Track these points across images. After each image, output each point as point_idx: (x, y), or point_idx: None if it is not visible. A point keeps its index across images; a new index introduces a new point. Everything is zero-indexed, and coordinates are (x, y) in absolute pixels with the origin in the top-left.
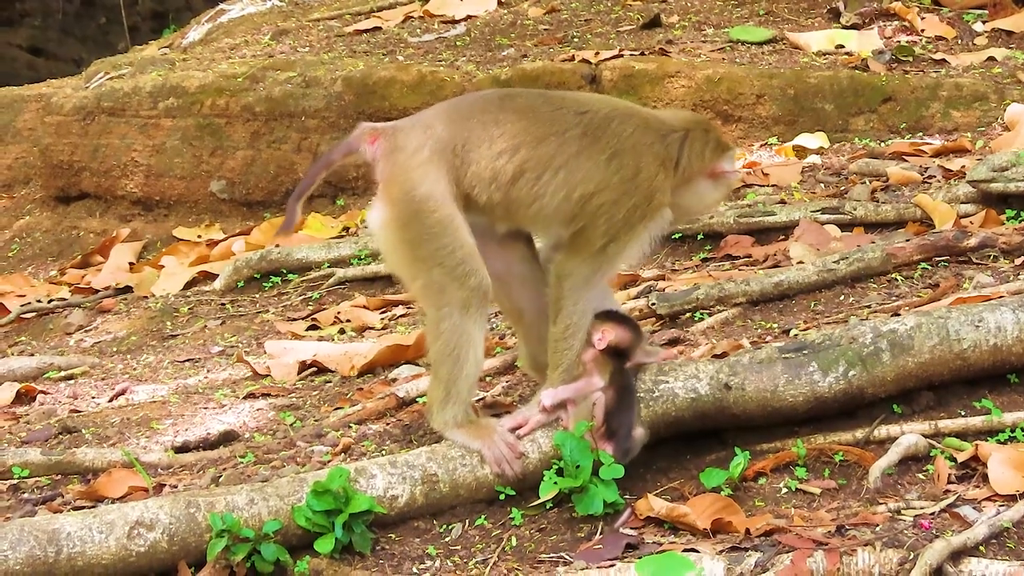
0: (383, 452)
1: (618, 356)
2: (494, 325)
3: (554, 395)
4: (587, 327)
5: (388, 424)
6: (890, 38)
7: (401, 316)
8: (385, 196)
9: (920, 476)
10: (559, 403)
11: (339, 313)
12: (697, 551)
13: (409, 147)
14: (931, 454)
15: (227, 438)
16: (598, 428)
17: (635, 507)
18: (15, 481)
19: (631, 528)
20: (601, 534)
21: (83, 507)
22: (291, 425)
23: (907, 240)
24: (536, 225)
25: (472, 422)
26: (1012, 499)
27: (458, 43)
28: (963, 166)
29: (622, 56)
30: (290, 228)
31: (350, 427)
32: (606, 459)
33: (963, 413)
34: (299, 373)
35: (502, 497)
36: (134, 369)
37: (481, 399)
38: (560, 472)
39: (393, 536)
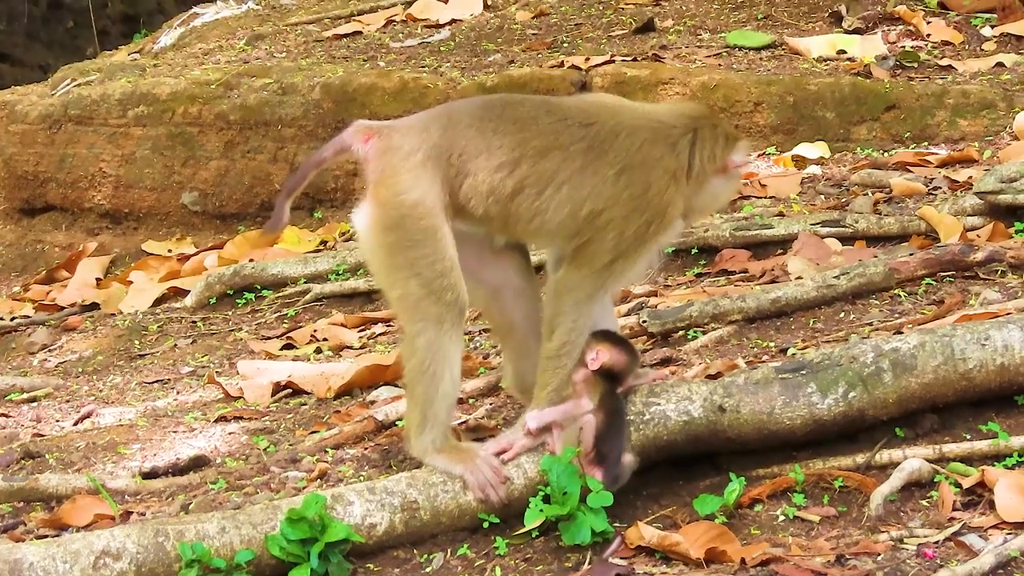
0: (361, 478)
1: (610, 379)
2: (477, 344)
3: (540, 417)
4: (582, 346)
5: (366, 448)
6: (894, 43)
7: (380, 334)
8: (373, 197)
9: (924, 503)
10: (545, 426)
11: (316, 331)
12: None
13: (403, 149)
14: (935, 480)
15: (197, 463)
16: (587, 453)
17: (625, 536)
18: None
19: (621, 558)
20: (589, 564)
21: (46, 536)
22: (265, 450)
23: (911, 254)
24: (537, 239)
25: (453, 447)
26: (1020, 527)
27: (442, 48)
28: (970, 177)
29: (614, 62)
30: (277, 227)
31: (326, 452)
32: (595, 486)
33: (968, 436)
34: (273, 395)
35: (486, 525)
36: (100, 391)
37: (464, 422)
38: (547, 499)
39: (372, 566)
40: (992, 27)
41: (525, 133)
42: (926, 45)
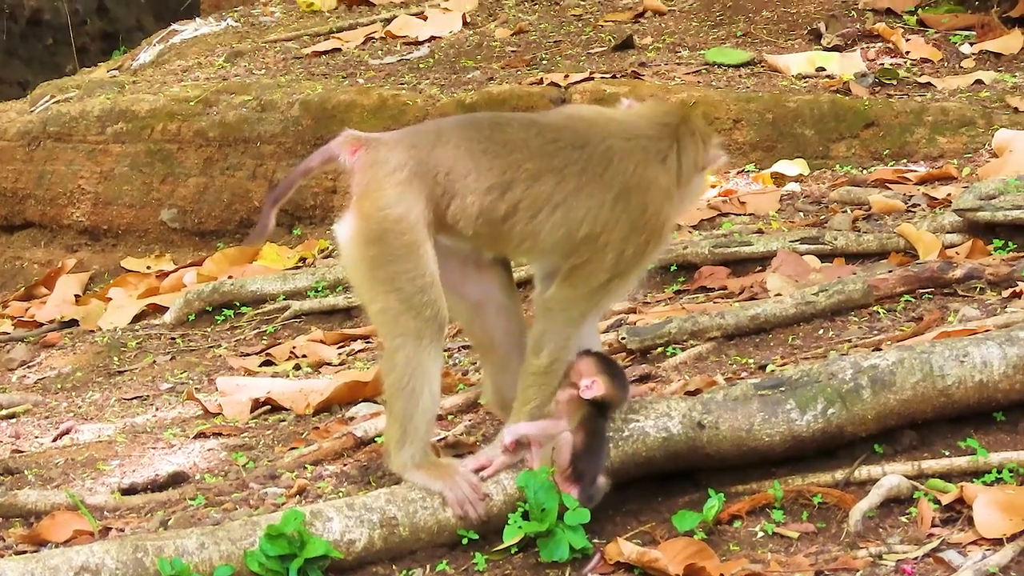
0: (340, 494)
1: (598, 406)
2: (456, 361)
3: (515, 431)
4: (567, 363)
5: (345, 465)
6: (873, 60)
7: (360, 351)
8: (357, 209)
9: (903, 519)
10: (524, 442)
11: (295, 348)
12: None
13: (390, 164)
14: (914, 496)
15: (176, 479)
16: (563, 470)
17: (604, 552)
18: None
19: (600, 574)
20: None
21: (25, 551)
22: (244, 466)
23: (890, 271)
24: (528, 258)
25: (433, 463)
26: (999, 543)
27: (421, 65)
28: (949, 194)
29: (593, 79)
30: (262, 235)
31: (305, 468)
32: (571, 503)
33: (947, 453)
34: (252, 411)
35: (465, 541)
36: (79, 407)
37: (443, 439)
38: (526, 515)
39: None
40: (971, 44)
41: (516, 155)
42: (905, 62)
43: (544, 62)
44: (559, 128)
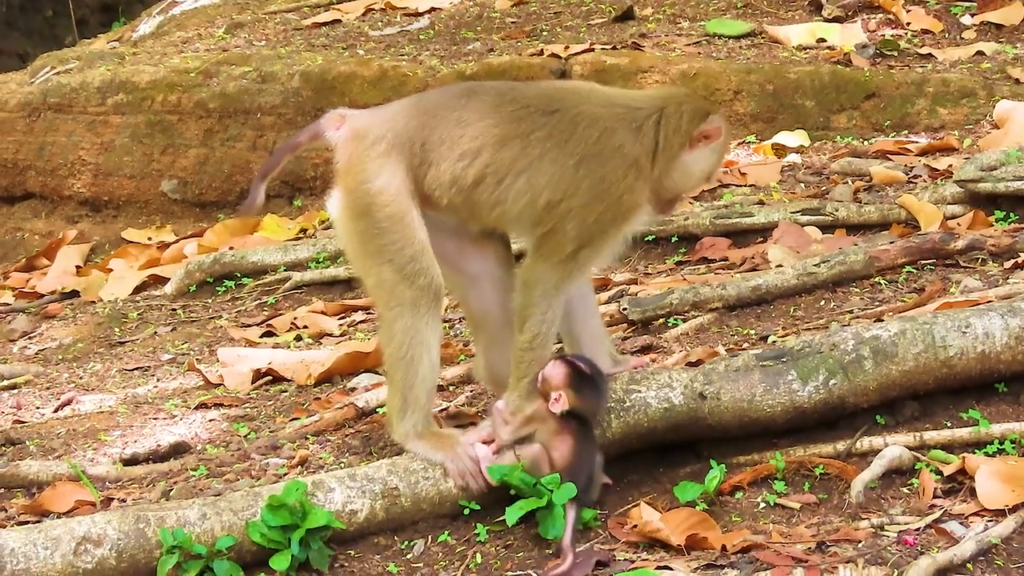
0: (342, 465)
1: (576, 419)
2: (458, 332)
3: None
4: (553, 338)
5: (347, 435)
6: (874, 31)
7: (360, 322)
8: (341, 185)
9: (904, 490)
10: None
11: (295, 319)
12: (671, 568)
13: (369, 137)
14: (916, 467)
15: (178, 450)
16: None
17: (608, 523)
18: None
19: (603, 547)
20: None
21: (27, 522)
22: (245, 436)
23: (891, 242)
24: (502, 227)
25: (434, 433)
26: (1000, 514)
27: (421, 36)
28: (950, 165)
29: (593, 50)
30: (251, 208)
31: (307, 438)
32: (553, 483)
33: (949, 424)
34: (253, 382)
35: (466, 512)
36: (80, 378)
37: (444, 409)
38: (519, 496)
39: (352, 553)
40: (972, 15)
41: (487, 121)
42: (906, 33)
43: (544, 33)
44: (535, 94)
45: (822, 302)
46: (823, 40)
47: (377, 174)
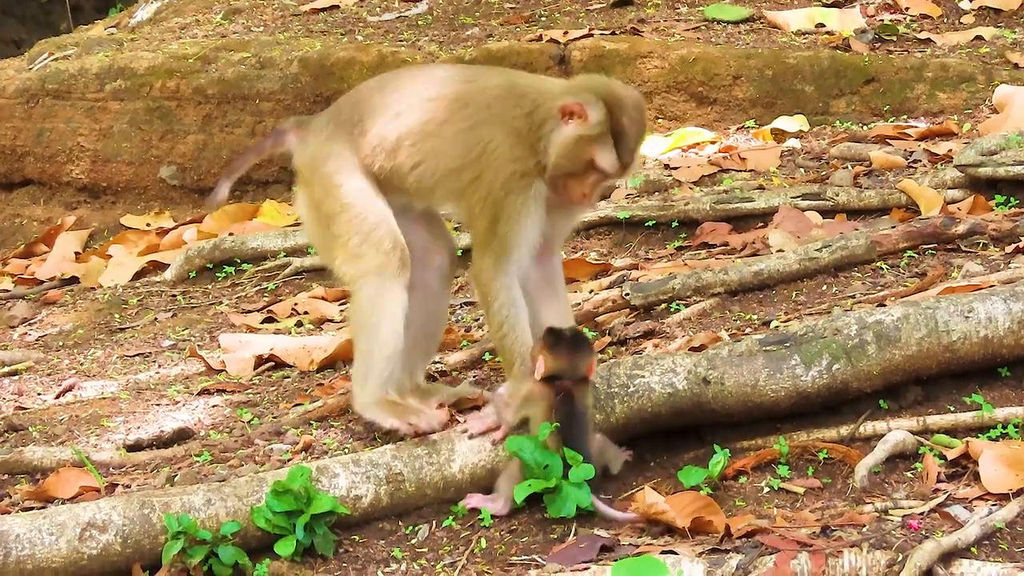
0: (346, 450)
1: (561, 388)
2: (459, 317)
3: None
4: (522, 317)
5: (350, 421)
6: (873, 16)
7: None
8: (300, 180)
9: (908, 474)
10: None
11: (296, 304)
12: (675, 553)
13: (314, 129)
14: (919, 451)
15: (181, 436)
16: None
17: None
18: None
19: (606, 530)
20: (575, 535)
21: (32, 508)
22: (248, 422)
23: (892, 227)
24: (431, 200)
25: (392, 402)
26: (1004, 498)
27: (420, 22)
28: (950, 150)
29: (592, 36)
30: (214, 204)
31: (310, 424)
32: (575, 460)
33: (952, 408)
34: (256, 368)
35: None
36: (81, 364)
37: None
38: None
39: (357, 538)
40: (970, 0)
41: (414, 87)
42: (905, 18)
43: (543, 19)
44: (468, 69)
45: (824, 287)
46: (822, 25)
47: (327, 157)
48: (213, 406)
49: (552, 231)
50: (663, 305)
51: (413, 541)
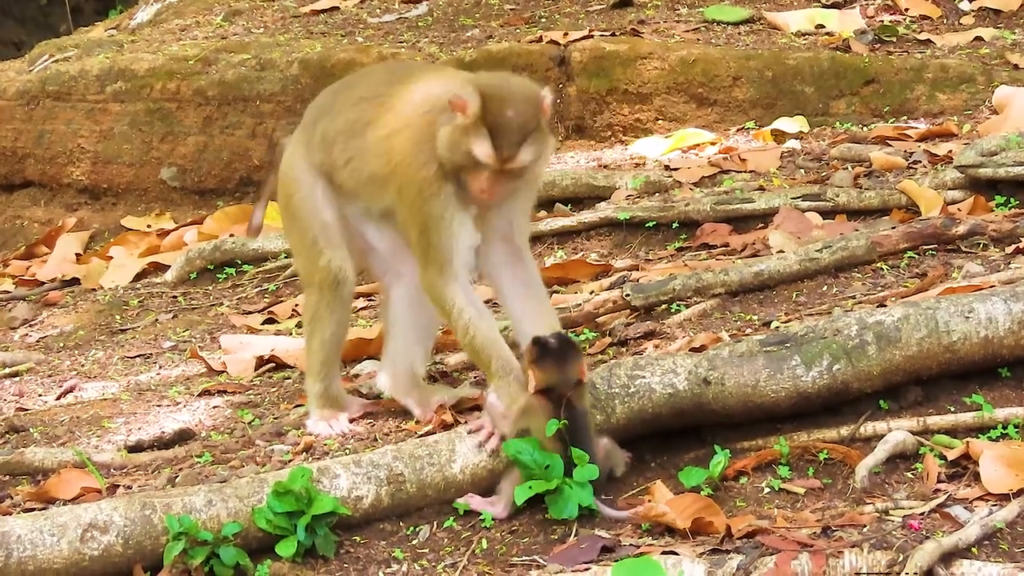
0: (346, 451)
1: (556, 398)
2: None
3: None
4: (484, 317)
5: (351, 421)
6: (872, 17)
7: (362, 309)
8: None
9: (908, 475)
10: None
11: (297, 306)
12: (676, 553)
13: (293, 135)
14: (920, 452)
15: (183, 437)
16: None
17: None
18: None
19: (605, 530)
20: (575, 536)
21: (33, 509)
22: (249, 423)
23: (892, 228)
24: (371, 201)
25: (331, 398)
26: (1005, 498)
27: (420, 24)
28: (950, 151)
29: (592, 37)
30: (253, 230)
31: None
32: (581, 460)
33: (953, 409)
34: (256, 369)
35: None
36: (82, 365)
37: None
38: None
39: (358, 539)
40: (970, 1)
41: (355, 85)
42: (904, 19)
43: (543, 20)
44: (408, 67)
45: (824, 287)
46: (822, 26)
47: (292, 165)
48: (214, 407)
49: (492, 231)
50: (664, 306)
51: (414, 542)
